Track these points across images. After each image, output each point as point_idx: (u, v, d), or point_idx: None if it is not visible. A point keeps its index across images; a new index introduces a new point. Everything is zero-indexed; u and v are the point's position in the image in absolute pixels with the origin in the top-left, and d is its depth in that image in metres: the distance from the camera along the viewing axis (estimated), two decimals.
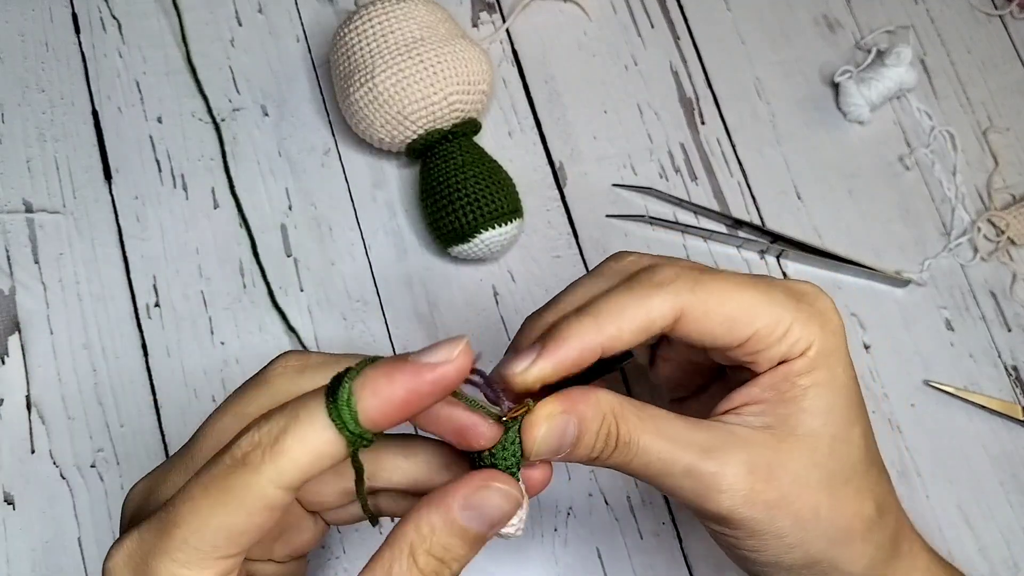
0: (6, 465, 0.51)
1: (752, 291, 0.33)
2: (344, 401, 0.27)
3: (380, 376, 0.27)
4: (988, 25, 0.62)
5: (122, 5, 0.59)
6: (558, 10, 0.61)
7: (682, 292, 0.33)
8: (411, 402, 0.27)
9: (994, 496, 0.52)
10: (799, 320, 0.33)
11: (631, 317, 0.32)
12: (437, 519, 0.29)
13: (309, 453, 0.27)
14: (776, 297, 0.33)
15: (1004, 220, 0.57)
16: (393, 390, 0.27)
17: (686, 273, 0.33)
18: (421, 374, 0.27)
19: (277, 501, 0.28)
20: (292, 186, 0.56)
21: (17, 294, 0.54)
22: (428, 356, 0.28)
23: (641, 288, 0.33)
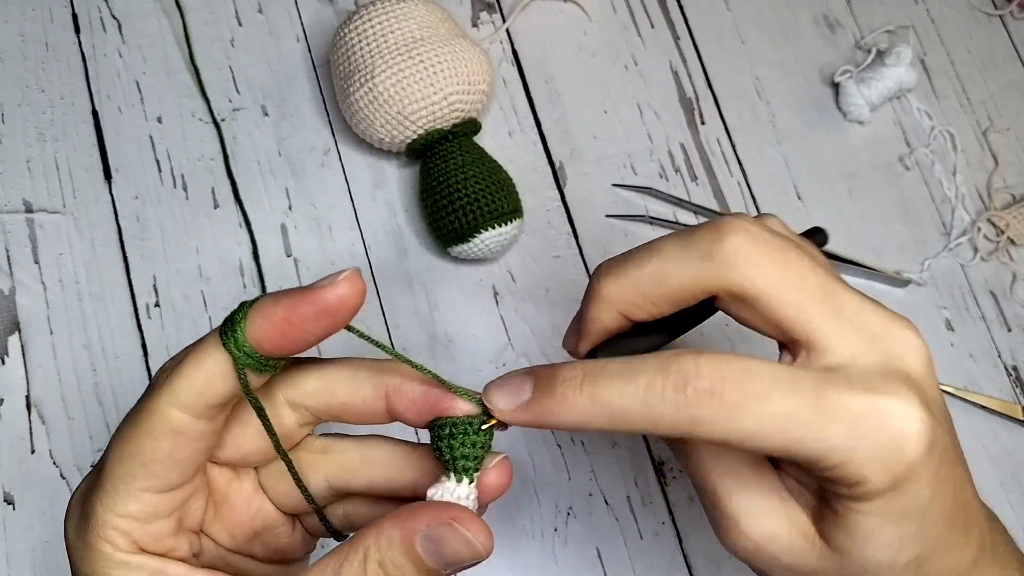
0: (6, 465, 0.51)
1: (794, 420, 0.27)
2: (232, 326, 0.28)
3: (268, 300, 0.28)
4: (988, 25, 0.62)
5: (122, 5, 0.59)
6: (558, 10, 0.61)
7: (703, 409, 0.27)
8: (292, 322, 0.28)
9: (994, 496, 0.52)
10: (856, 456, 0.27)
11: (625, 409, 0.28)
12: (396, 536, 0.28)
13: (200, 373, 0.29)
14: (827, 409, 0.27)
15: (1004, 220, 0.57)
16: (276, 310, 0.28)
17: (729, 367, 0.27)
18: (303, 296, 0.28)
19: (179, 424, 0.29)
20: (292, 186, 0.56)
21: (17, 294, 0.54)
22: (318, 283, 0.28)
23: (657, 392, 0.27)
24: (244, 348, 0.28)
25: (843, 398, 0.27)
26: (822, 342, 0.29)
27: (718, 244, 0.30)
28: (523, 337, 0.54)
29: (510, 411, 0.30)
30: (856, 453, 0.27)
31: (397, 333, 0.54)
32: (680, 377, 0.27)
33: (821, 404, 0.27)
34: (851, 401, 0.27)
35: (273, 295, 0.29)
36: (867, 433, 0.27)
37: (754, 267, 0.29)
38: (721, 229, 0.30)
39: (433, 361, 0.53)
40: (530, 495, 0.52)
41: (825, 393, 0.27)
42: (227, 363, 0.29)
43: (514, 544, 0.51)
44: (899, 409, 0.27)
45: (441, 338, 0.54)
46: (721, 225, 0.30)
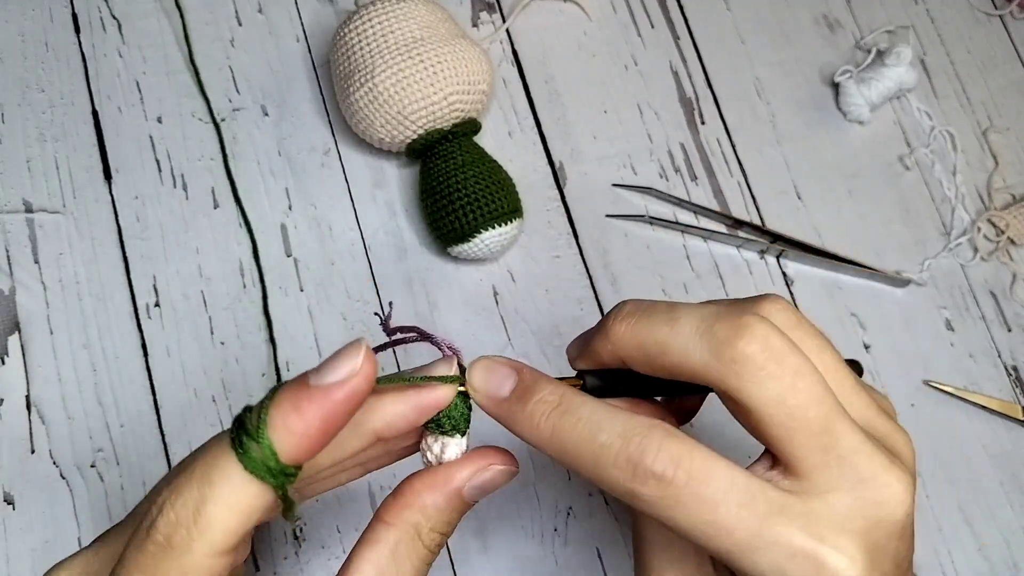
0: (6, 465, 0.51)
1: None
2: (259, 449, 0.25)
3: (289, 412, 0.26)
4: (988, 25, 0.62)
5: (122, 5, 0.59)
6: (558, 10, 0.61)
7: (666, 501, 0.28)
8: (329, 427, 0.26)
9: (994, 496, 0.52)
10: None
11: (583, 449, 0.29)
12: (442, 502, 0.30)
13: (237, 514, 0.26)
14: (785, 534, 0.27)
15: (1004, 220, 0.57)
16: (307, 422, 0.26)
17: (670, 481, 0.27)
18: (331, 397, 0.26)
19: (220, 567, 0.27)
20: (292, 186, 0.56)
21: (17, 294, 0.54)
22: (331, 375, 0.26)
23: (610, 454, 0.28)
24: (271, 466, 0.26)
25: (788, 532, 0.27)
26: (802, 471, 0.29)
27: (730, 348, 0.28)
28: (523, 337, 0.54)
29: (483, 397, 0.31)
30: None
31: None
32: (637, 451, 0.27)
33: (764, 532, 0.27)
34: (793, 538, 0.27)
35: (290, 402, 0.26)
36: (794, 574, 0.27)
37: (756, 385, 0.28)
38: (741, 330, 0.29)
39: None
40: (530, 495, 0.52)
41: (772, 523, 0.27)
42: (263, 492, 0.26)
43: (514, 544, 0.51)
44: (837, 568, 0.27)
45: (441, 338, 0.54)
46: (744, 324, 0.29)
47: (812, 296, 0.56)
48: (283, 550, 0.50)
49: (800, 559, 0.27)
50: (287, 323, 0.54)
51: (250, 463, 0.26)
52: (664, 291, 0.56)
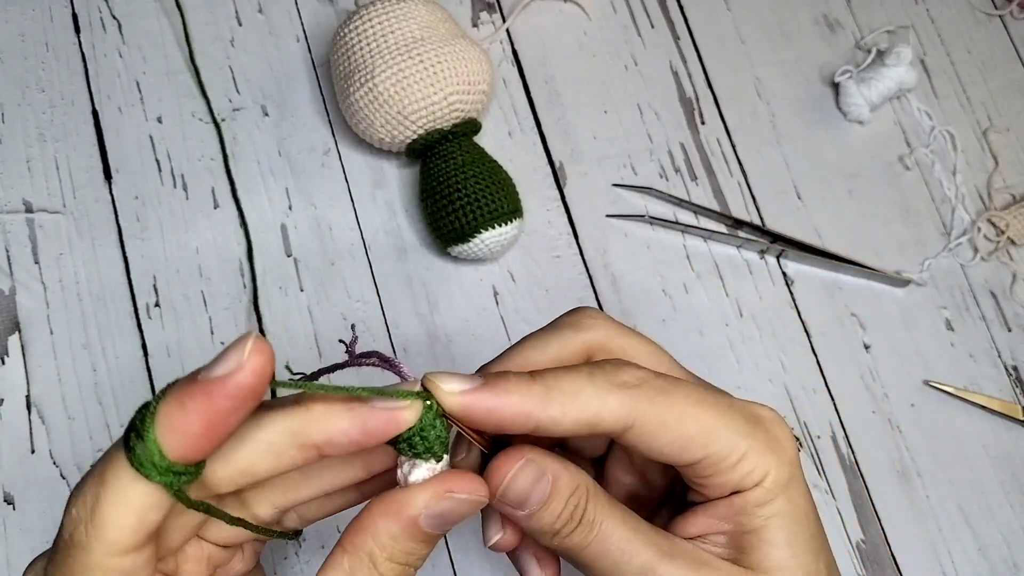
0: (6, 465, 0.51)
1: (711, 412, 0.31)
2: (145, 447, 0.25)
3: (173, 409, 0.25)
4: (988, 25, 0.62)
5: (122, 5, 0.59)
6: (558, 10, 0.61)
7: (641, 401, 0.30)
8: (214, 424, 0.25)
9: (994, 496, 0.52)
10: (755, 449, 0.31)
11: (581, 407, 0.29)
12: (396, 528, 0.28)
13: (130, 513, 0.25)
14: (734, 422, 0.31)
15: (1004, 220, 0.57)
16: (190, 420, 0.25)
17: (650, 381, 0.30)
18: (213, 393, 0.25)
19: (125, 567, 0.26)
20: (292, 186, 0.56)
21: (17, 294, 0.54)
22: (216, 369, 0.25)
23: (601, 382, 0.30)
24: (166, 467, 0.25)
25: (740, 402, 0.32)
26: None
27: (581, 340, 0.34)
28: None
29: (461, 392, 0.29)
30: (756, 440, 0.31)
31: (397, 333, 0.54)
32: (613, 366, 0.30)
33: (724, 401, 0.32)
34: (747, 404, 0.32)
35: (175, 399, 0.25)
36: (758, 426, 0.32)
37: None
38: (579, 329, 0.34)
39: (433, 361, 0.53)
40: None
41: (729, 406, 0.32)
42: (155, 492, 0.25)
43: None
44: (778, 418, 0.33)
45: (441, 338, 0.54)
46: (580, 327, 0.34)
47: (812, 296, 0.56)
48: (283, 550, 0.50)
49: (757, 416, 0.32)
50: (287, 323, 0.54)
51: (136, 461, 0.25)
52: (664, 291, 0.56)
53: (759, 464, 0.31)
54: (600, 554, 0.31)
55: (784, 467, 0.32)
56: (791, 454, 0.32)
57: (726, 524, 0.32)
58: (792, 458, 0.32)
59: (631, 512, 0.32)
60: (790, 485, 0.32)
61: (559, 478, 0.30)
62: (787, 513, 0.32)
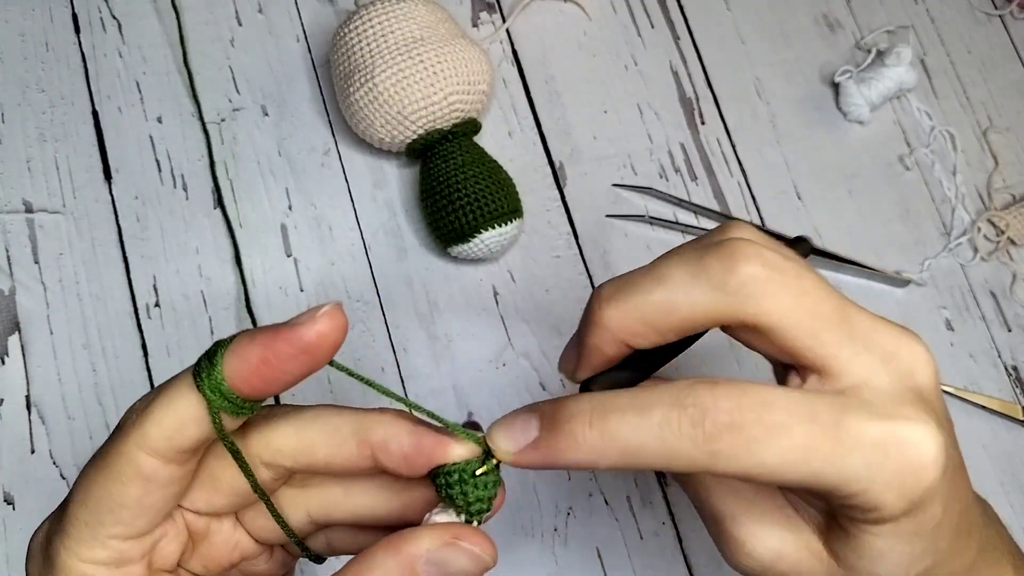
0: (6, 465, 0.51)
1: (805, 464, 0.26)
2: (207, 366, 0.27)
3: (244, 339, 0.27)
4: (988, 25, 0.62)
5: (122, 5, 0.59)
6: (558, 10, 0.61)
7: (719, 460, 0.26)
8: (270, 363, 0.26)
9: (994, 496, 0.52)
10: (874, 490, 0.26)
11: (639, 462, 0.27)
12: (394, 566, 0.27)
13: (172, 415, 0.27)
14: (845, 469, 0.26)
15: (1004, 220, 0.57)
16: (252, 350, 0.26)
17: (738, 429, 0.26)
18: (279, 336, 0.26)
19: (148, 469, 0.27)
20: (292, 186, 0.56)
21: (17, 294, 0.54)
22: (296, 319, 0.27)
23: (672, 438, 0.26)
24: (220, 390, 0.27)
25: (862, 427, 0.26)
26: (838, 367, 0.28)
27: (731, 274, 0.27)
28: (523, 337, 0.54)
29: (516, 453, 0.28)
30: (875, 483, 0.26)
31: (397, 333, 0.54)
32: (698, 411, 0.26)
33: (840, 435, 0.26)
34: (870, 429, 0.26)
35: (249, 333, 0.27)
36: (885, 461, 0.26)
37: (770, 299, 0.28)
38: (734, 255, 0.28)
39: (433, 361, 0.53)
40: (530, 495, 0.52)
41: (843, 423, 0.26)
42: (201, 406, 0.27)
43: (514, 544, 0.51)
44: (917, 436, 0.27)
45: (441, 338, 0.54)
46: (732, 250, 0.28)
47: None
48: None
49: (884, 447, 0.26)
50: None
51: (199, 380, 0.27)
52: None
53: (871, 502, 0.27)
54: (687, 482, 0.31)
55: (905, 499, 0.27)
56: (927, 478, 0.27)
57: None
58: (931, 474, 0.27)
59: None
60: (924, 502, 0.27)
61: None
62: (909, 533, 0.28)
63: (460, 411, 0.53)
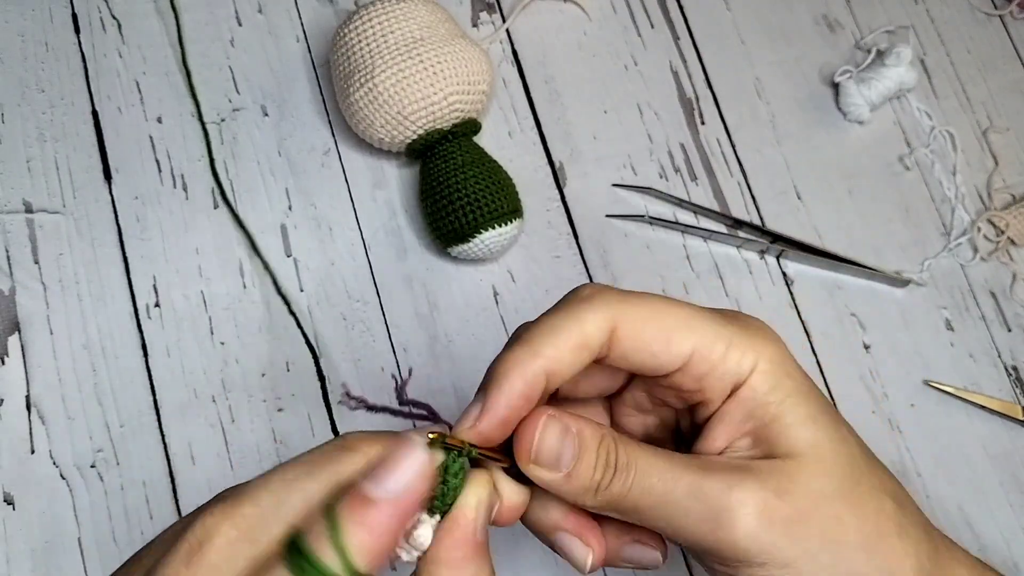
0: (6, 465, 0.51)
1: (683, 308, 0.32)
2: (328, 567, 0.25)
3: (358, 529, 0.25)
4: (988, 25, 0.62)
5: (122, 5, 0.59)
6: (558, 10, 0.61)
7: (612, 303, 0.31)
8: (398, 537, 0.26)
9: (994, 496, 0.52)
10: (736, 335, 0.32)
11: (566, 335, 0.31)
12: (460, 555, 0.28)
13: None
14: (706, 314, 0.32)
15: (1004, 220, 0.57)
16: (376, 537, 0.25)
17: (613, 291, 0.32)
18: (397, 507, 0.26)
19: None
20: (292, 186, 0.56)
21: (17, 294, 0.54)
22: (390, 482, 0.26)
23: (569, 305, 0.32)
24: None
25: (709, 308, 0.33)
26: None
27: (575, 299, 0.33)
28: None
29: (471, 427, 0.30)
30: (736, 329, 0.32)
31: (397, 333, 0.54)
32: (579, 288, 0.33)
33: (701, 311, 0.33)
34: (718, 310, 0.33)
35: (358, 517, 0.25)
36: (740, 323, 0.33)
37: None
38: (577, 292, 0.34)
39: (433, 361, 0.53)
40: None
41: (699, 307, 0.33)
42: None
43: (514, 544, 0.51)
44: (744, 313, 0.34)
45: (441, 338, 0.54)
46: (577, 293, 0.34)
47: (812, 296, 0.56)
48: None
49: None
50: (287, 323, 0.54)
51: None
52: (664, 291, 0.56)
53: (747, 349, 0.31)
54: (644, 491, 0.30)
55: (771, 347, 0.32)
56: (774, 335, 0.33)
57: (746, 423, 0.32)
58: (776, 338, 0.33)
59: (656, 447, 0.32)
60: (786, 363, 0.32)
61: (583, 430, 0.31)
62: (797, 391, 0.32)
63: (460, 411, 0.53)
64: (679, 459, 0.31)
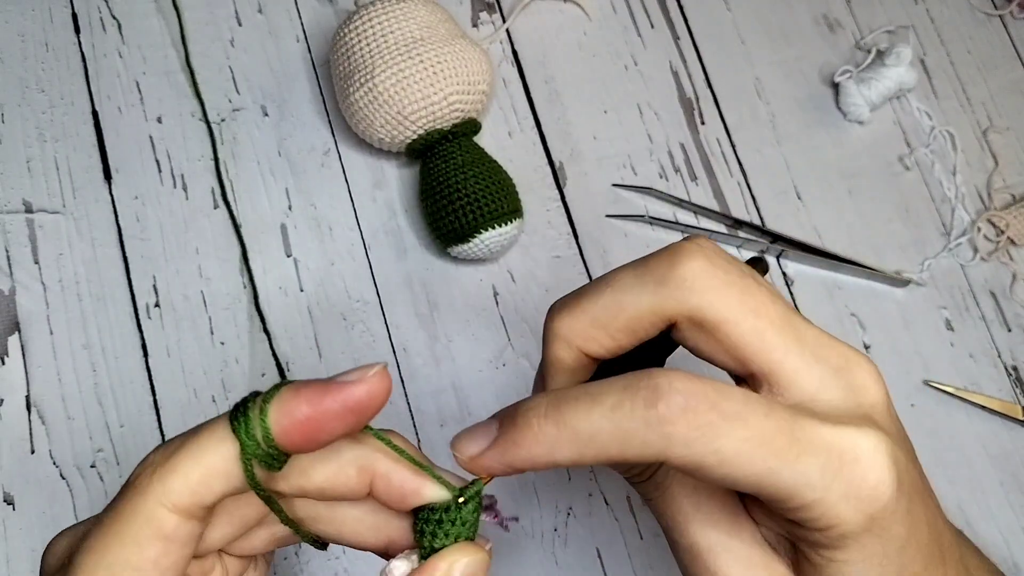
0: (6, 465, 0.51)
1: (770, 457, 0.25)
2: (245, 416, 0.26)
3: (289, 393, 0.26)
4: (988, 25, 0.62)
5: (122, 5, 0.59)
6: (558, 10, 0.61)
7: (675, 445, 0.25)
8: (315, 420, 0.26)
9: (994, 496, 0.52)
10: (827, 501, 0.26)
11: (598, 451, 0.26)
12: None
13: (200, 467, 0.26)
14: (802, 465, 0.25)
15: (1004, 220, 0.57)
16: (299, 406, 0.26)
17: (691, 415, 0.25)
18: (329, 391, 0.26)
19: (169, 526, 0.26)
20: (292, 186, 0.56)
21: (17, 294, 0.54)
22: (342, 377, 0.26)
23: (624, 421, 0.26)
24: (258, 441, 0.26)
25: (816, 430, 0.26)
26: (786, 374, 0.28)
27: (674, 269, 0.28)
28: (523, 337, 0.54)
29: (477, 454, 0.28)
30: (830, 491, 0.26)
31: (397, 333, 0.54)
32: (651, 392, 0.25)
33: (796, 433, 0.26)
34: (825, 434, 0.26)
35: (294, 386, 0.26)
36: (840, 468, 0.26)
37: (713, 292, 0.28)
38: (677, 253, 0.28)
39: (433, 361, 0.53)
40: (530, 495, 0.52)
41: (799, 423, 0.26)
42: (231, 458, 0.26)
43: (514, 544, 0.51)
44: (870, 446, 0.26)
45: (441, 338, 0.54)
46: (677, 249, 0.28)
47: (812, 296, 0.56)
48: (283, 550, 0.50)
49: (839, 453, 0.26)
50: (287, 323, 0.54)
51: (238, 424, 0.26)
52: None
53: (827, 515, 0.26)
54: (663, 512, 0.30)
55: (862, 512, 0.26)
56: (883, 492, 0.26)
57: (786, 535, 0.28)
58: (888, 487, 0.26)
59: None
60: (884, 519, 0.26)
61: None
62: (874, 556, 0.27)
63: (460, 411, 0.53)
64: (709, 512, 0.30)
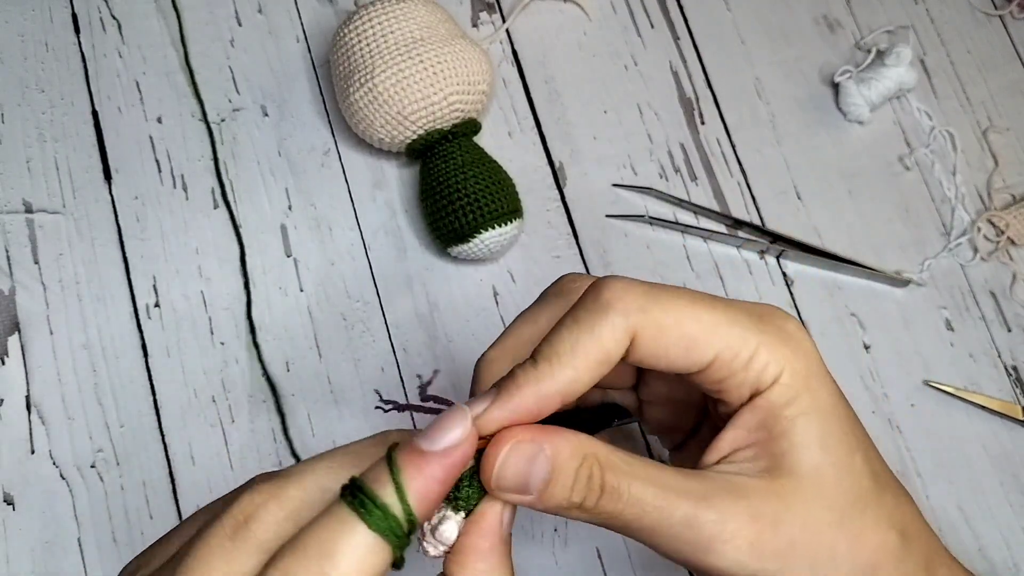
0: (6, 465, 0.51)
1: (710, 310, 0.30)
2: (391, 510, 0.26)
3: (413, 474, 0.27)
4: (988, 25, 0.62)
5: (122, 5, 0.59)
6: (558, 10, 0.61)
7: (632, 312, 0.29)
8: (445, 489, 0.27)
9: (994, 496, 0.52)
10: (765, 343, 0.30)
11: (584, 353, 0.29)
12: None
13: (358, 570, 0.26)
14: (737, 317, 0.30)
15: (1004, 220, 0.57)
16: (427, 483, 0.26)
17: (634, 288, 0.30)
18: (448, 459, 0.27)
19: None
20: (292, 186, 0.56)
21: (17, 294, 0.54)
22: (440, 439, 0.27)
23: (589, 315, 0.30)
24: (400, 530, 0.26)
25: (741, 303, 0.31)
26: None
27: (600, 294, 0.31)
28: None
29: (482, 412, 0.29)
30: (766, 337, 0.30)
31: (397, 333, 0.54)
32: (594, 289, 0.30)
33: (730, 312, 0.31)
34: (751, 307, 0.31)
35: (412, 464, 0.27)
36: (772, 329, 0.31)
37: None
38: (596, 286, 0.31)
39: (433, 361, 0.53)
40: None
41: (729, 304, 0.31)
42: (385, 555, 0.26)
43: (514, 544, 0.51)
44: (782, 312, 0.32)
45: (441, 338, 0.54)
46: (596, 285, 0.31)
47: (812, 296, 0.56)
48: None
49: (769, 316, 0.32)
50: (287, 323, 0.54)
51: (377, 525, 0.26)
52: None
53: (773, 358, 0.30)
54: (637, 517, 0.30)
55: (801, 359, 0.31)
56: (807, 346, 0.31)
57: (755, 433, 0.31)
58: (809, 350, 0.31)
59: (656, 465, 0.31)
60: (812, 378, 0.31)
61: (559, 452, 0.29)
62: (814, 410, 0.31)
63: None
64: (677, 483, 0.30)
